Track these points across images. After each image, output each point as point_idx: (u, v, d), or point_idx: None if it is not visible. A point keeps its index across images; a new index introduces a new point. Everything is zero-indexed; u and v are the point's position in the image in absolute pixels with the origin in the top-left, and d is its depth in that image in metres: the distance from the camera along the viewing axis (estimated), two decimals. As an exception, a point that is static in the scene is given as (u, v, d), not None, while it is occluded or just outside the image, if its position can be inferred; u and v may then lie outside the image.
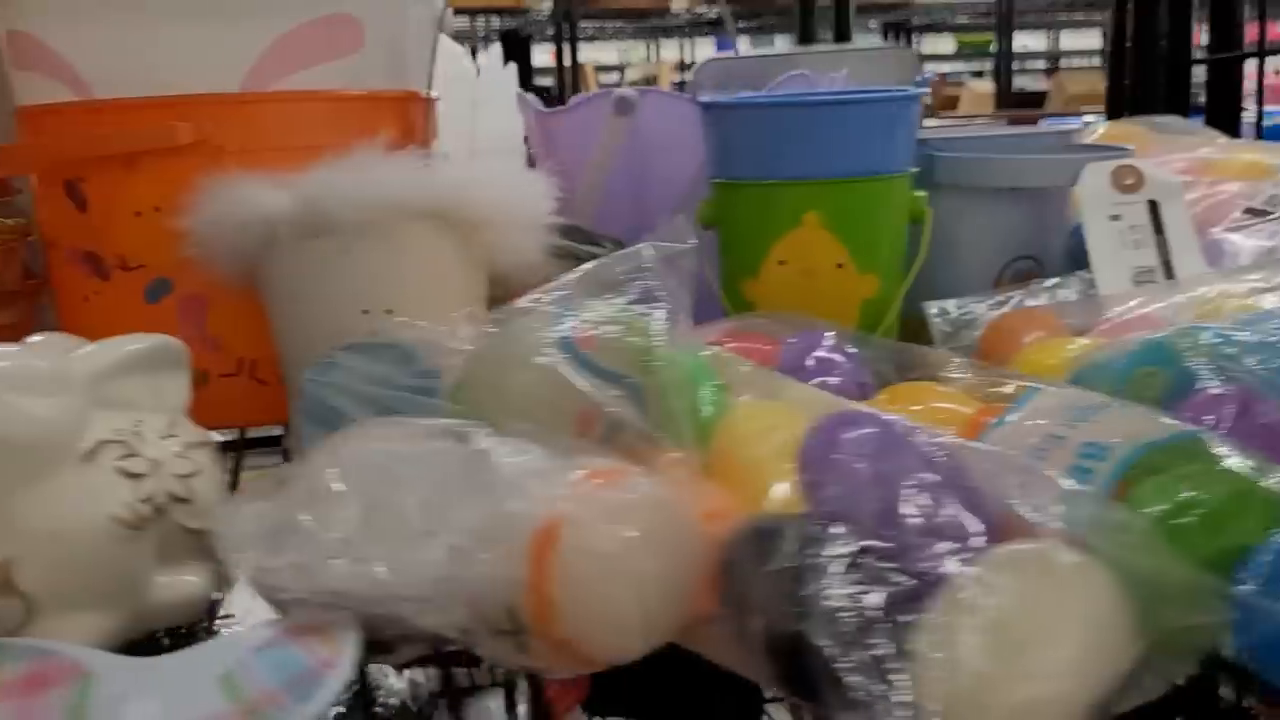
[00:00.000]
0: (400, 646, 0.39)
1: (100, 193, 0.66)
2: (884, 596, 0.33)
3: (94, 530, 0.41)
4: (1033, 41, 6.47)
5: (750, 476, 0.42)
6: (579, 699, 0.95)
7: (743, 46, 7.41)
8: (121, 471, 0.42)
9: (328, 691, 0.34)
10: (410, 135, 0.74)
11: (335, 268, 0.59)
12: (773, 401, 0.44)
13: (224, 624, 0.50)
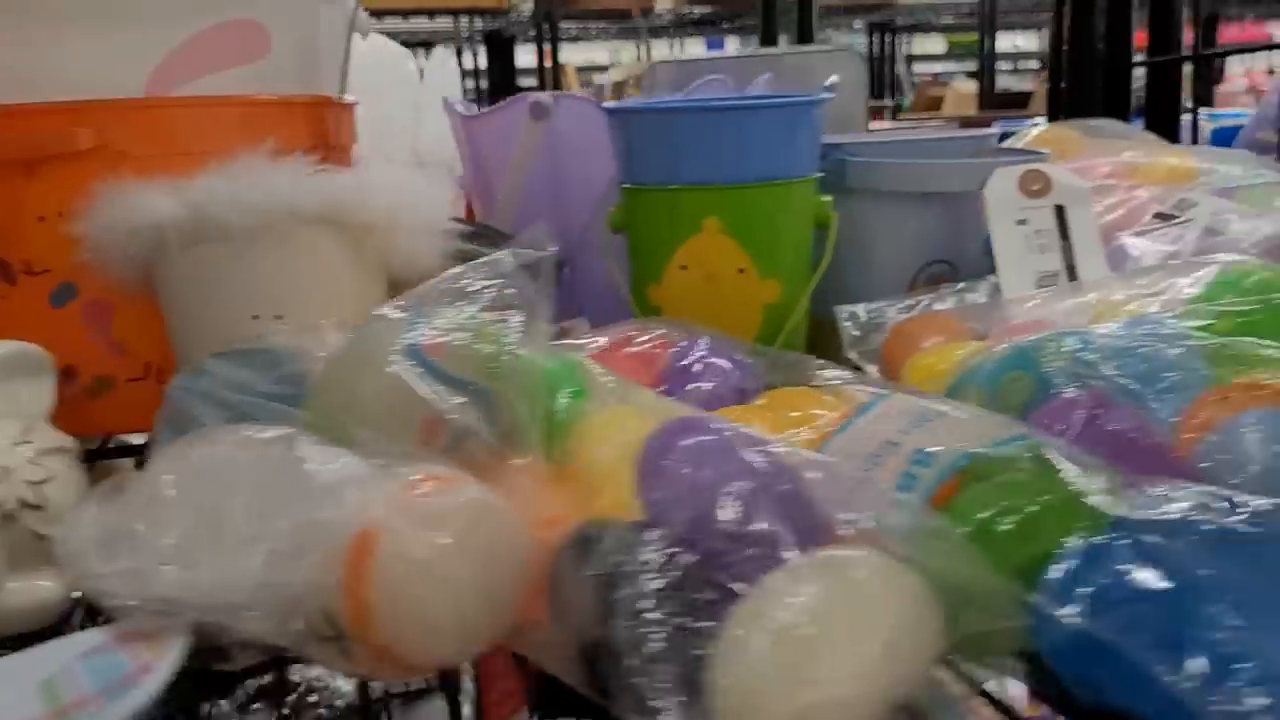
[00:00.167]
0: (237, 652, 0.39)
1: (3, 197, 0.66)
2: (686, 603, 0.34)
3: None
4: (1024, 41, 6.47)
5: (596, 483, 0.42)
6: (522, 703, 0.96)
7: (731, 46, 7.42)
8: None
9: (140, 694, 0.34)
10: (323, 140, 0.74)
11: (226, 273, 0.59)
12: (626, 408, 0.45)
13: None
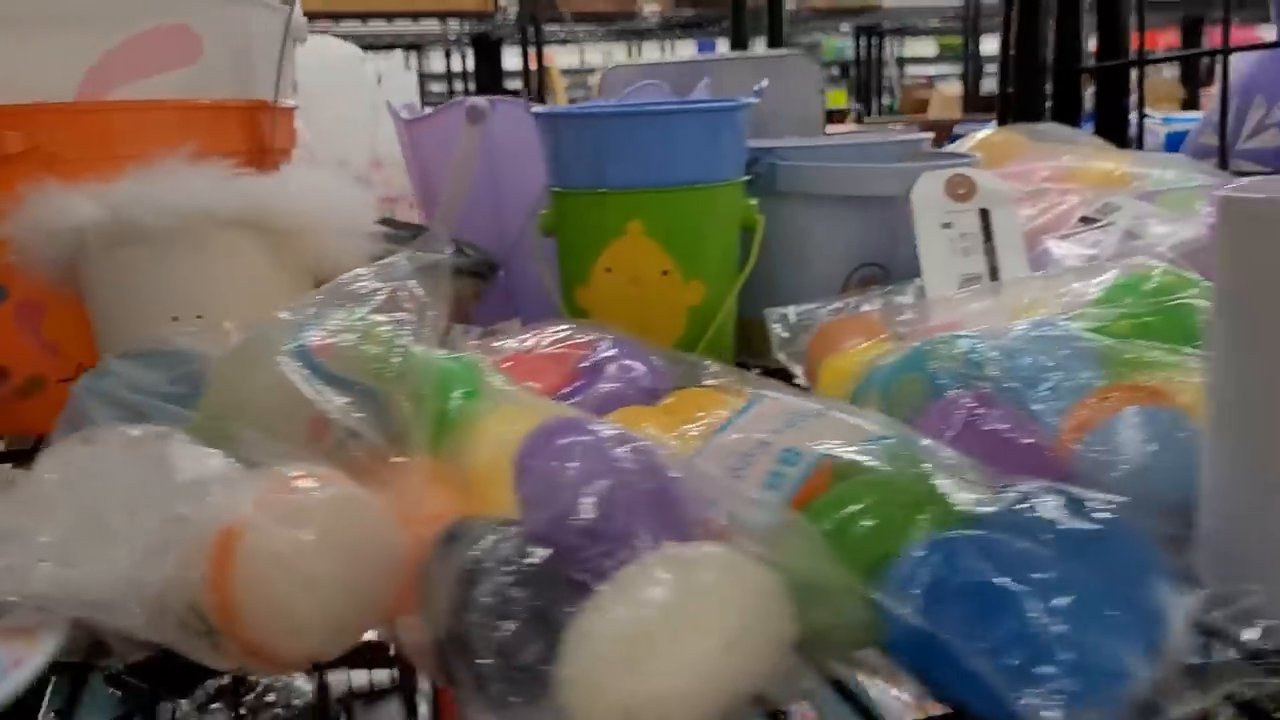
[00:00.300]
0: (120, 648, 0.40)
1: (-65, 200, 0.67)
2: (538, 598, 0.35)
3: None
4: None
5: (480, 481, 0.43)
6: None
7: (723, 48, 7.45)
8: None
9: (8, 684, 0.35)
10: (259, 143, 0.75)
11: (146, 275, 0.60)
12: (515, 408, 0.46)
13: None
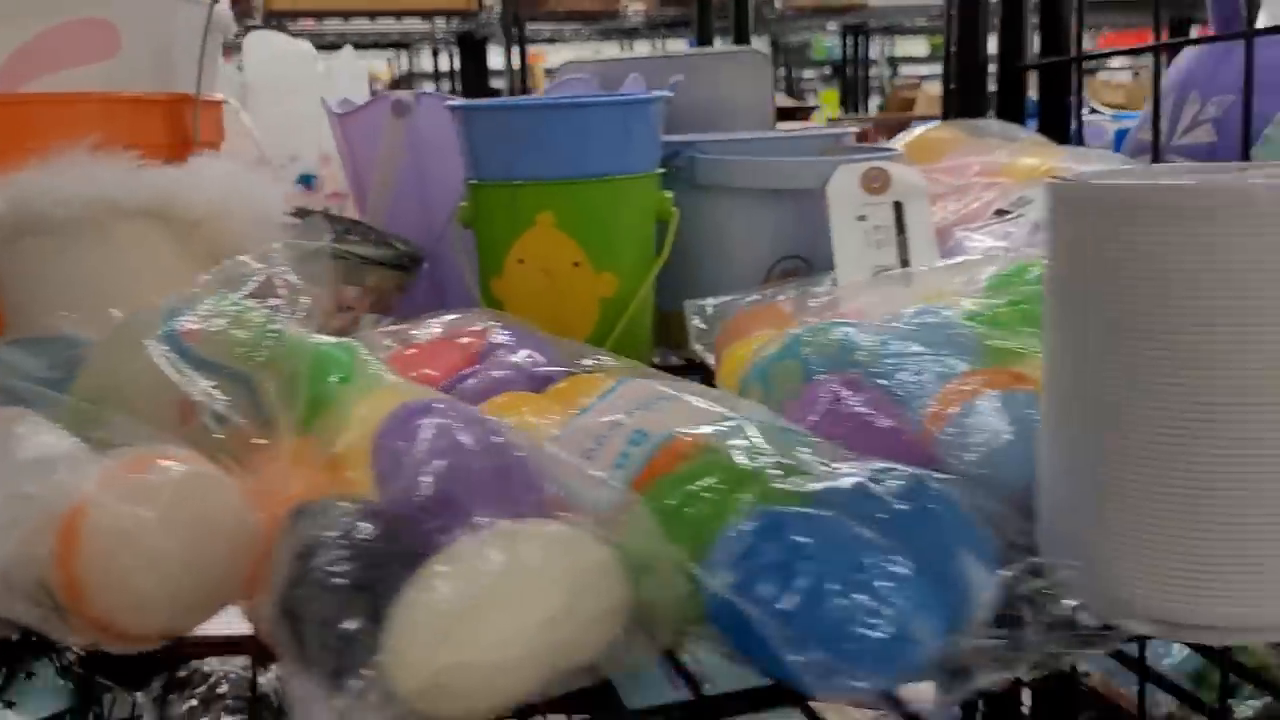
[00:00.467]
0: None
1: None
2: (368, 573, 0.35)
3: None
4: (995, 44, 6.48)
5: (346, 462, 0.44)
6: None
7: (716, 46, 7.48)
8: None
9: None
10: (182, 137, 0.76)
11: (50, 266, 0.61)
12: (385, 391, 0.46)
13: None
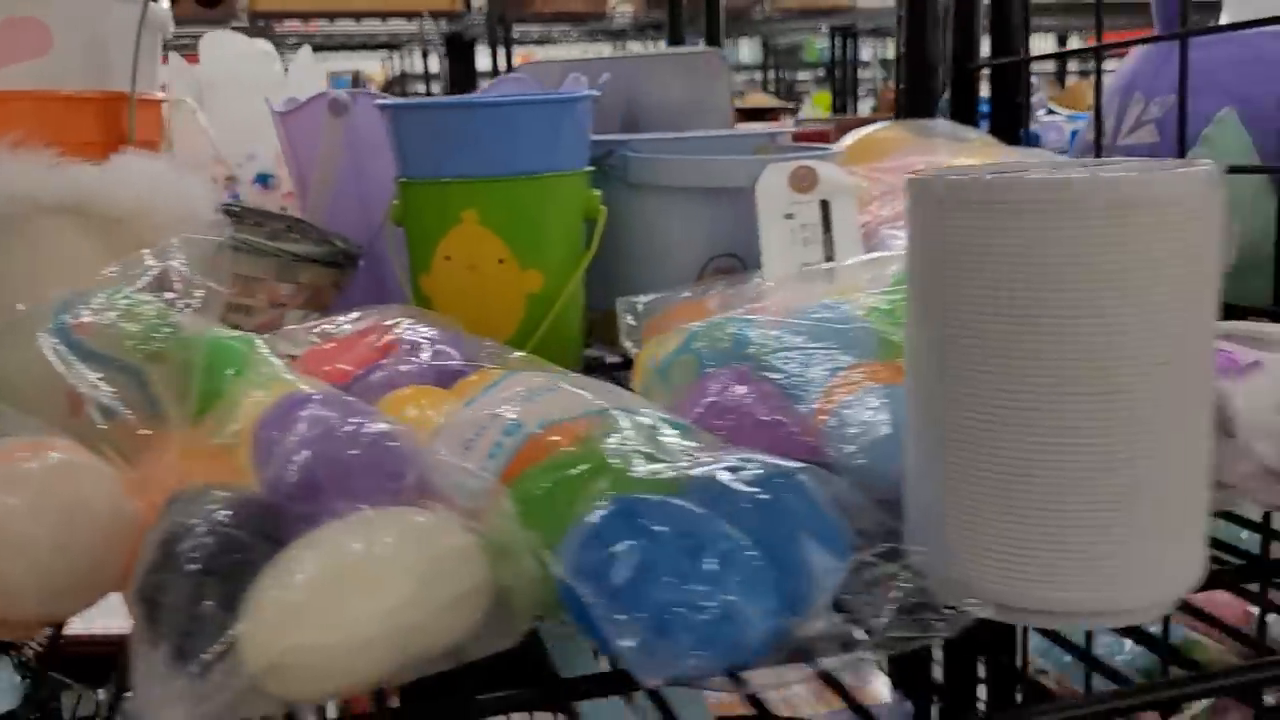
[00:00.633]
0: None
1: None
2: (226, 557, 0.36)
3: None
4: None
5: (234, 453, 0.45)
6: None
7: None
8: None
9: None
10: (116, 136, 0.77)
11: (-29, 262, 0.62)
12: (275, 384, 0.47)
13: None
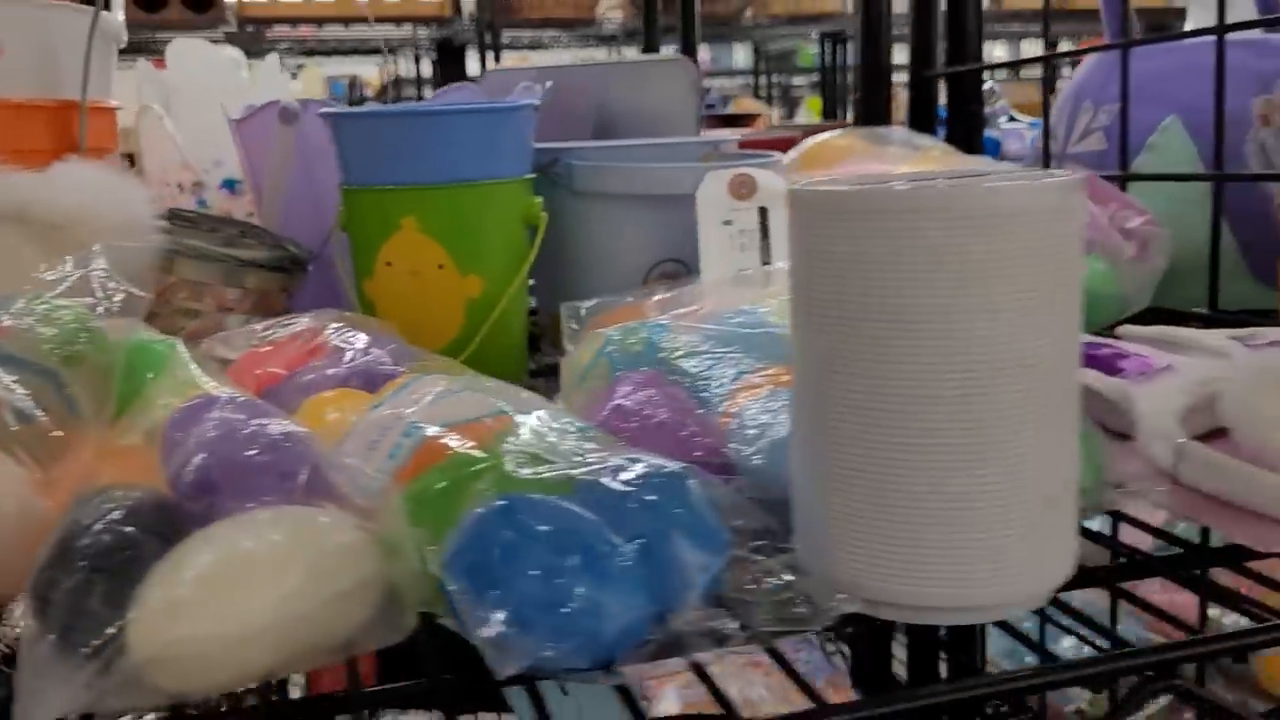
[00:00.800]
0: None
1: None
2: (119, 553, 0.37)
3: None
4: (1000, 50, 6.50)
5: (146, 454, 0.46)
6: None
7: (702, 54, 7.59)
8: None
9: None
10: (67, 143, 0.78)
11: (-87, 267, 0.63)
12: (190, 388, 0.48)
13: None
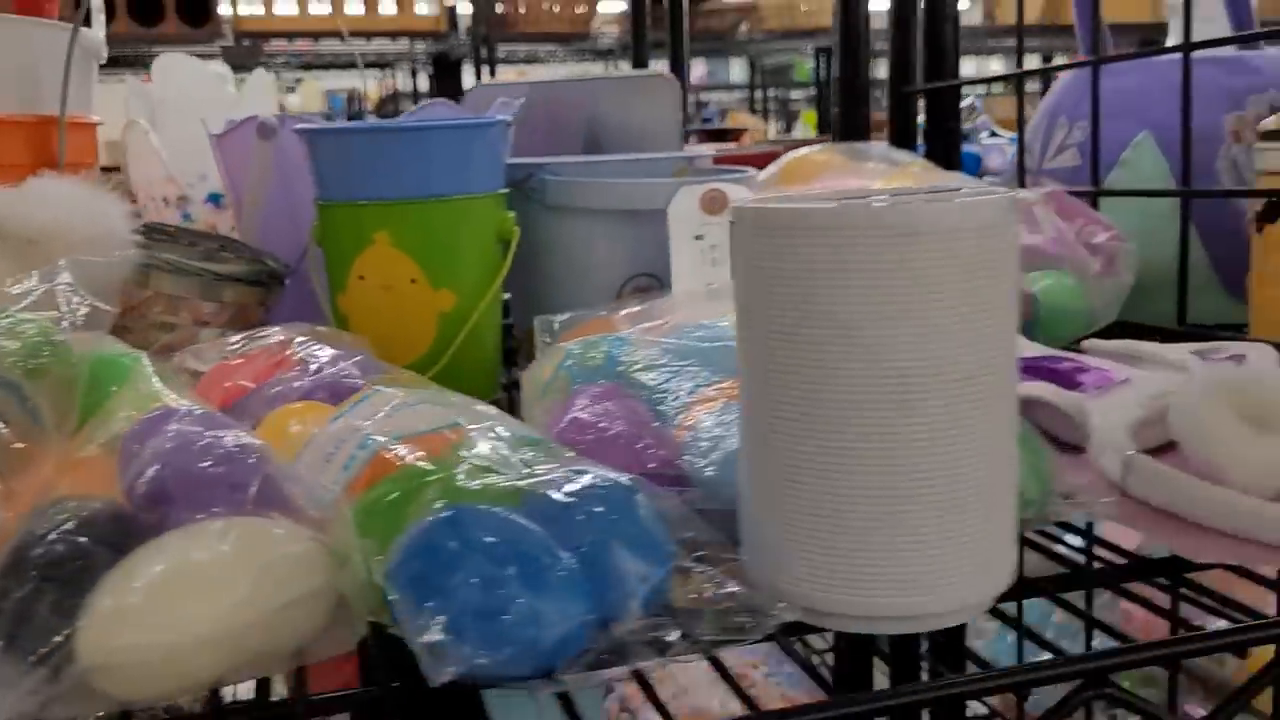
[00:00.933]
0: None
1: None
2: (69, 564, 0.38)
3: None
4: (997, 64, 6.52)
5: (102, 464, 0.47)
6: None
7: (699, 69, 7.65)
8: None
9: None
10: (44, 158, 0.79)
11: (-112, 280, 0.64)
12: (150, 401, 0.49)
13: None
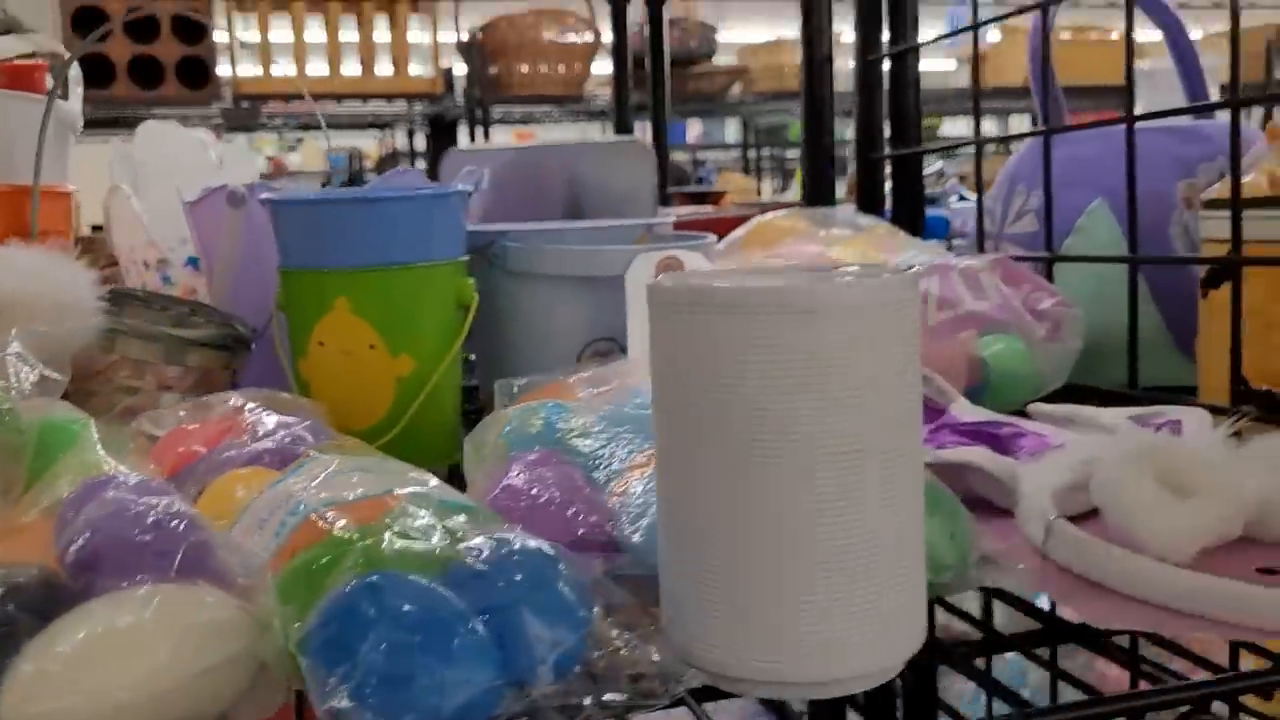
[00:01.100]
0: None
1: None
2: (6, 628, 0.39)
3: None
4: (988, 125, 6.64)
5: (40, 530, 0.48)
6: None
7: (695, 129, 7.76)
8: None
9: None
10: (17, 227, 0.81)
11: None
12: (91, 466, 0.50)
13: None
